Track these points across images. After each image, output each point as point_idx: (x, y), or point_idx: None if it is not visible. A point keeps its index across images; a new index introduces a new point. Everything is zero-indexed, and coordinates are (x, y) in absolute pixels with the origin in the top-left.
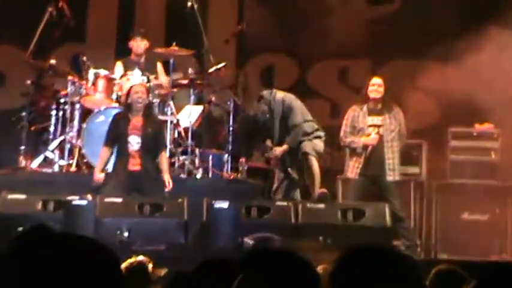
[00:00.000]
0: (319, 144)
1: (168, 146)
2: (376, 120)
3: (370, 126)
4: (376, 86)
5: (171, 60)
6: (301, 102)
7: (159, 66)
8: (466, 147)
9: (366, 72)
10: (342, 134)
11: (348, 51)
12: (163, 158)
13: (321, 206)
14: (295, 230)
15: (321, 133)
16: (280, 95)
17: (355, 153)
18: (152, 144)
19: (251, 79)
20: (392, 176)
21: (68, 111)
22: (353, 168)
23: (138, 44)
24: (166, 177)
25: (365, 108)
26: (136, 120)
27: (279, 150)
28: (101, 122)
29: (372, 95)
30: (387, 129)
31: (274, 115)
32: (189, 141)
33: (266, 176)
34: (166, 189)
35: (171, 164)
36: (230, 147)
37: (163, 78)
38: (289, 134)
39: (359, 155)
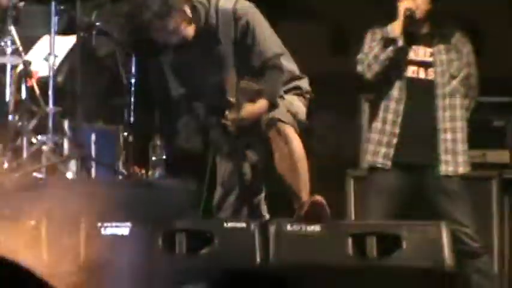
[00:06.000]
0: (297, 104)
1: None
2: (420, 53)
3: (410, 64)
4: None
5: None
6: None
7: None
8: None
9: None
10: (358, 58)
11: None
12: None
13: (314, 229)
14: (262, 277)
15: (301, 82)
16: (228, 1)
17: (386, 100)
18: None
19: None
20: (453, 166)
21: None
22: (377, 147)
23: None
24: None
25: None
26: None
27: (250, 109)
28: None
29: (405, 7)
30: (443, 73)
31: (219, 37)
32: (50, 106)
33: (201, 171)
34: None
35: (14, 152)
36: (133, 117)
37: None
38: (263, 78)
39: (389, 112)
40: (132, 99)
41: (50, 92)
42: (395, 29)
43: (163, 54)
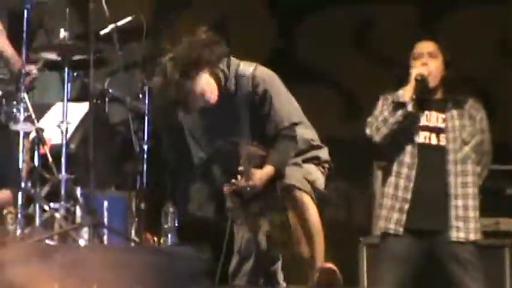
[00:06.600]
0: (316, 173)
1: (21, 183)
2: (433, 118)
3: (422, 129)
4: (425, 57)
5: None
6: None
7: None
8: None
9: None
10: (368, 121)
11: None
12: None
13: None
14: None
15: (320, 152)
16: (247, 67)
17: (400, 166)
18: None
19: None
20: (464, 233)
21: None
22: (389, 212)
23: None
24: None
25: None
26: None
27: (258, 175)
28: None
29: (417, 72)
30: (455, 139)
31: (235, 104)
32: (63, 173)
33: (214, 238)
34: None
35: (26, 219)
36: (145, 182)
37: (8, 50)
38: (274, 146)
39: (401, 175)
40: (145, 166)
41: (63, 159)
42: (405, 93)
43: (183, 119)
